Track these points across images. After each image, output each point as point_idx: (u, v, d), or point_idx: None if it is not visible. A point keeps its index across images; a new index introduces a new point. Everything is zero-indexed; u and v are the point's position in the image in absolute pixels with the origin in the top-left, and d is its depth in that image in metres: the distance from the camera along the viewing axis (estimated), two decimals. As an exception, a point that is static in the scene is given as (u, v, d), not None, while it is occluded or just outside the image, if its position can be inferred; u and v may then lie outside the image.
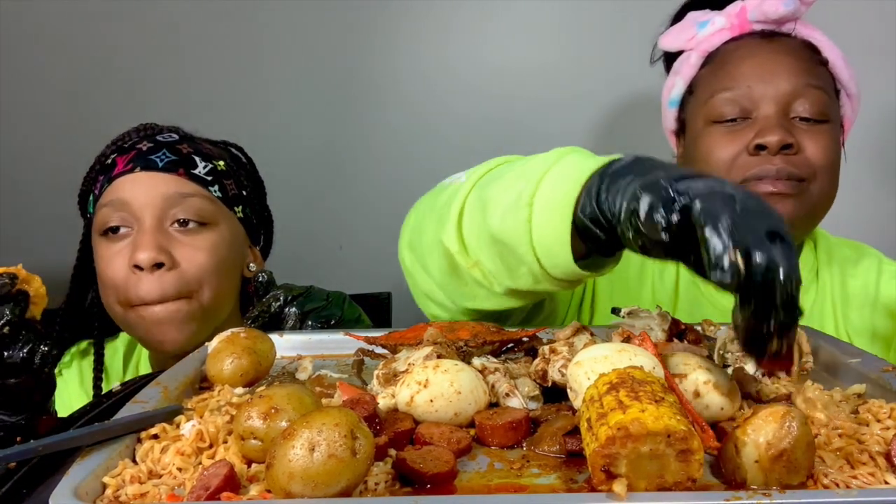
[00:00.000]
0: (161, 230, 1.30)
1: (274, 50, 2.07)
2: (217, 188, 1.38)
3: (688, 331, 0.91)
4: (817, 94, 1.30)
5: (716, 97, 1.33)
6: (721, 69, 1.36)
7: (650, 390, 0.61)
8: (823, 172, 1.28)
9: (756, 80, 1.31)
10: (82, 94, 2.06)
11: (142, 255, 1.26)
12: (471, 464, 0.67)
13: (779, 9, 1.32)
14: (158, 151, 1.35)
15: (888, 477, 0.61)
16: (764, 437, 0.58)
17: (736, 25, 1.37)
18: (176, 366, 0.89)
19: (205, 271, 1.31)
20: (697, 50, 1.39)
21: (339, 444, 0.57)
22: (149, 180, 1.32)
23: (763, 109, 1.29)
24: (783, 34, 1.36)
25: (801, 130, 1.28)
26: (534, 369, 0.81)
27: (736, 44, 1.37)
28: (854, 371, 0.84)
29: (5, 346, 0.91)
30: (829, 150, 1.29)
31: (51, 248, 2.01)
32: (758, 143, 1.26)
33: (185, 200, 1.32)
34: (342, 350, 1.00)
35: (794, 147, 1.26)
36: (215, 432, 0.69)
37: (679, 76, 1.42)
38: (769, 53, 1.33)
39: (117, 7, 2.04)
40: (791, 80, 1.29)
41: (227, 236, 1.37)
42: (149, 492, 0.62)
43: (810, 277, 1.41)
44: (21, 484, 0.71)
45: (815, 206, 1.30)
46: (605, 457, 0.56)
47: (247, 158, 1.51)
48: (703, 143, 1.35)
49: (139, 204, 1.30)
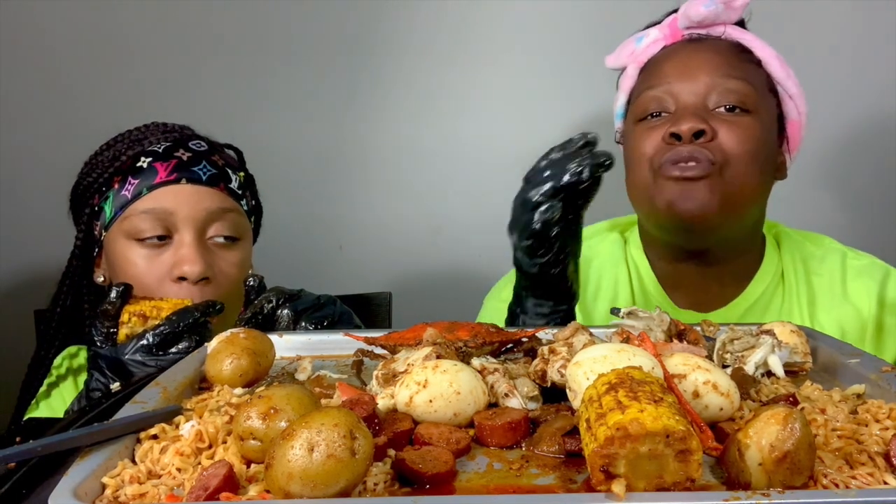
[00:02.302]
0: (203, 244, 1.36)
1: (275, 50, 2.07)
2: (244, 202, 1.45)
3: (687, 331, 0.91)
4: (738, 84, 1.29)
5: (640, 96, 1.35)
6: (647, 72, 1.38)
7: (649, 390, 0.61)
8: (738, 160, 1.26)
9: (676, 78, 1.32)
10: (82, 94, 2.06)
11: (192, 269, 1.32)
12: (470, 464, 0.67)
13: (699, 10, 1.34)
14: (199, 163, 1.40)
15: (887, 477, 0.61)
16: (767, 440, 0.58)
17: (668, 35, 1.40)
18: (175, 366, 0.89)
19: (233, 285, 1.37)
20: (635, 62, 1.42)
21: (338, 444, 0.57)
22: (195, 193, 1.37)
23: (681, 102, 1.31)
24: (713, 38, 1.37)
25: (720, 120, 1.28)
26: (533, 370, 0.81)
27: (666, 50, 1.39)
28: (853, 371, 0.84)
29: None
30: (746, 139, 1.27)
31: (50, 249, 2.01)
32: (672, 132, 1.26)
33: (225, 215, 1.38)
34: (341, 350, 1.00)
35: (707, 133, 1.25)
36: (214, 433, 0.69)
37: (621, 90, 1.45)
38: (692, 52, 1.35)
39: (118, 7, 2.04)
40: (711, 74, 1.30)
41: (249, 250, 1.45)
42: (148, 492, 0.62)
43: (775, 280, 1.41)
44: (21, 484, 0.71)
45: (731, 193, 1.27)
46: (604, 457, 0.56)
47: (242, 160, 1.53)
48: (629, 142, 1.37)
49: (183, 216, 1.35)
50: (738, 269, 1.40)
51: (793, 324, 0.94)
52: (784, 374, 0.85)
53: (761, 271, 1.40)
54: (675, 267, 1.40)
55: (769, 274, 1.41)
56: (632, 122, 1.37)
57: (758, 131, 1.29)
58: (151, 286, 1.33)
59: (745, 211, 1.32)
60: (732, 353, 0.86)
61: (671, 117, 1.30)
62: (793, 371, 0.89)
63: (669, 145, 1.27)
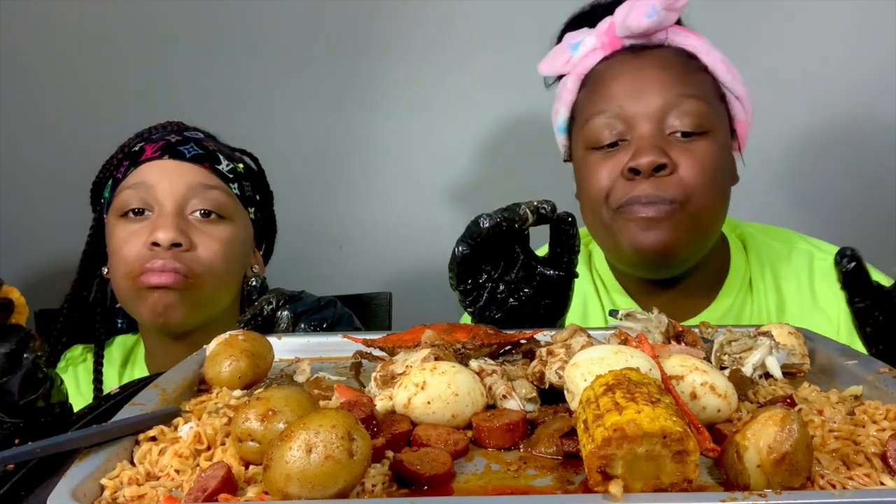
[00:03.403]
0: (182, 216, 1.35)
1: (275, 50, 2.07)
2: (236, 187, 1.44)
3: (685, 333, 0.91)
4: (692, 103, 1.26)
5: (590, 122, 1.30)
6: (594, 91, 1.33)
7: (646, 392, 0.61)
8: (700, 191, 1.24)
9: (627, 99, 1.27)
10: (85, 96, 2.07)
11: (161, 235, 1.31)
12: (468, 465, 0.67)
13: (641, 22, 1.28)
14: (186, 144, 1.41)
15: (884, 478, 0.61)
16: (765, 442, 0.58)
17: (607, 44, 1.34)
18: (174, 368, 0.89)
19: (217, 259, 1.36)
20: (573, 73, 1.37)
21: (336, 445, 0.57)
22: (175, 168, 1.37)
23: (637, 130, 1.26)
24: (656, 46, 1.32)
25: (678, 147, 1.24)
26: (531, 371, 0.82)
27: (608, 63, 1.33)
28: (851, 373, 0.84)
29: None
30: (706, 168, 1.24)
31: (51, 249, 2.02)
32: (631, 167, 1.23)
33: (207, 191, 1.38)
34: (340, 353, 1.00)
35: (667, 167, 1.22)
36: (213, 434, 0.69)
37: (561, 102, 1.40)
38: (639, 69, 1.29)
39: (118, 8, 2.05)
40: (662, 94, 1.26)
41: (241, 233, 1.43)
42: (146, 493, 0.62)
43: (744, 289, 1.38)
44: (20, 486, 0.71)
45: (696, 225, 1.26)
46: (602, 458, 0.57)
47: (259, 168, 1.54)
48: (584, 171, 1.32)
49: (163, 189, 1.35)
50: (705, 280, 1.37)
51: (791, 325, 0.94)
52: (782, 375, 0.85)
53: (729, 282, 1.38)
54: (641, 282, 1.39)
55: (737, 283, 1.38)
56: (582, 147, 1.33)
57: (716, 154, 1.27)
58: (129, 257, 1.33)
59: (710, 236, 1.32)
60: (730, 354, 0.86)
61: (627, 147, 1.26)
62: (790, 373, 0.89)
63: (628, 180, 1.24)
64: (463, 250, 1.03)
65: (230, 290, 1.41)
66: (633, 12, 1.28)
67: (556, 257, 1.07)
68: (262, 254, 1.56)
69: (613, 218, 1.27)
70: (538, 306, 1.07)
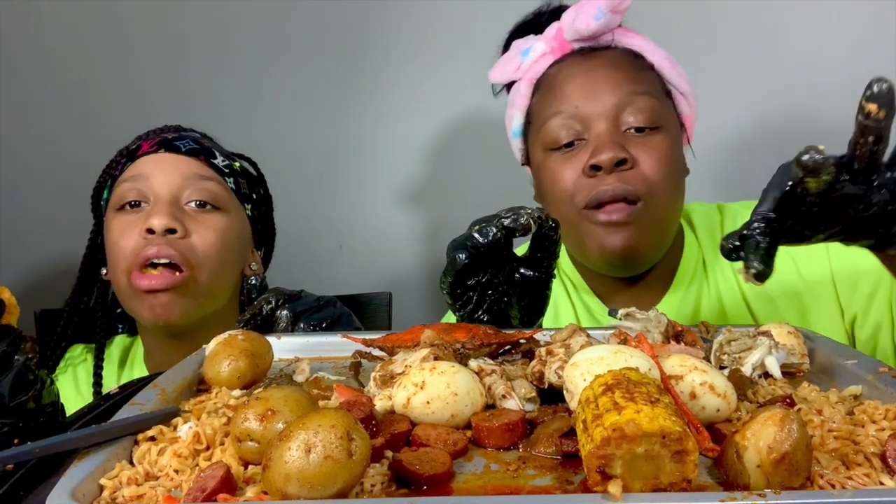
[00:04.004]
0: (177, 205, 1.37)
1: (276, 51, 2.07)
2: (232, 182, 1.45)
3: (685, 333, 0.91)
4: (644, 99, 1.30)
5: (547, 123, 1.33)
6: (548, 94, 1.36)
7: (645, 391, 0.61)
8: (660, 186, 1.28)
9: (582, 99, 1.31)
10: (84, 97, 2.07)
11: (156, 221, 1.32)
12: (467, 465, 0.67)
13: (590, 25, 1.32)
14: (183, 140, 1.43)
15: (883, 478, 0.61)
16: (764, 442, 0.58)
17: (556, 48, 1.38)
18: (173, 368, 0.89)
19: (212, 248, 1.36)
20: (525, 79, 1.41)
21: (335, 445, 0.57)
22: (171, 160, 1.39)
23: (594, 128, 1.29)
24: (604, 47, 1.37)
25: (635, 142, 1.28)
26: (530, 371, 0.82)
27: (559, 66, 1.37)
28: (850, 372, 0.84)
29: None
30: (663, 161, 1.29)
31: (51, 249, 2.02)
32: (592, 164, 1.26)
33: (202, 182, 1.39)
34: (340, 352, 1.00)
35: (628, 162, 1.26)
36: (212, 434, 0.69)
37: (515, 108, 1.43)
38: (590, 70, 1.33)
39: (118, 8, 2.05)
40: (615, 93, 1.30)
41: (237, 226, 1.43)
42: (145, 493, 0.62)
43: (699, 273, 1.40)
44: (18, 486, 0.71)
45: (658, 221, 1.30)
46: (601, 458, 0.57)
47: (258, 172, 1.55)
48: (545, 173, 1.35)
49: (158, 180, 1.37)
50: (664, 269, 1.40)
51: (790, 325, 0.94)
52: (781, 375, 0.85)
53: (682, 266, 1.40)
54: (605, 279, 1.41)
55: (691, 266, 1.40)
56: (541, 150, 1.36)
57: (670, 147, 1.31)
58: (125, 250, 1.34)
59: (671, 229, 1.36)
60: (730, 354, 0.86)
61: (586, 146, 1.29)
62: (790, 372, 0.89)
63: (590, 177, 1.27)
64: (465, 258, 1.02)
65: (226, 284, 1.41)
66: (581, 16, 1.33)
67: (535, 260, 1.08)
68: (261, 256, 1.56)
69: (580, 219, 1.30)
70: (518, 308, 1.09)
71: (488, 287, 1.05)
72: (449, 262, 1.03)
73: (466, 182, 2.08)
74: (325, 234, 2.12)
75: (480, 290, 1.05)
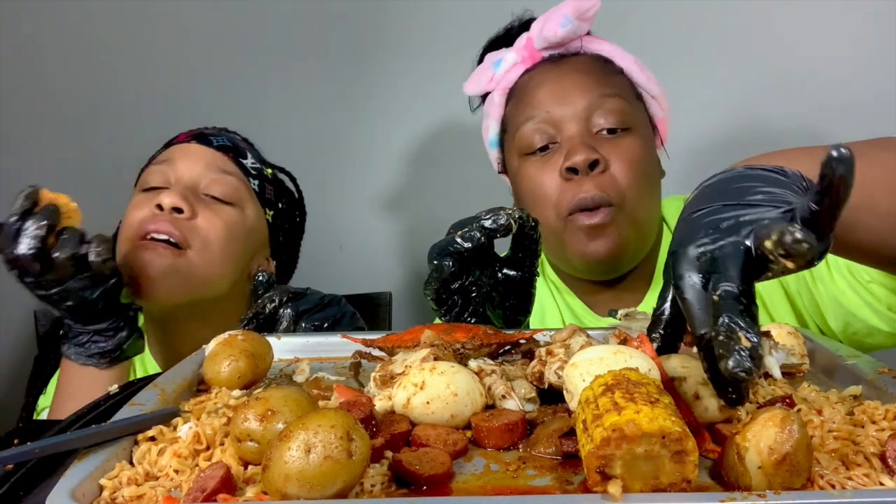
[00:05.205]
0: (193, 190, 1.38)
1: (276, 48, 2.07)
2: (257, 184, 1.47)
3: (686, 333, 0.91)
4: (614, 101, 1.32)
5: (521, 129, 1.35)
6: (521, 101, 1.38)
7: (645, 392, 0.61)
8: (633, 189, 1.29)
9: (553, 104, 1.33)
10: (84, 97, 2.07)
11: (165, 199, 1.34)
12: (467, 465, 0.67)
13: (557, 32, 1.35)
14: (218, 136, 1.47)
15: (883, 478, 0.61)
16: (765, 443, 0.58)
17: (527, 57, 1.41)
18: (173, 368, 0.89)
19: (215, 234, 1.37)
20: (498, 89, 1.43)
21: (335, 445, 0.57)
22: (199, 151, 1.42)
23: (566, 131, 1.32)
24: (573, 54, 1.39)
25: (607, 144, 1.30)
26: (530, 371, 0.82)
27: (530, 74, 1.40)
28: (850, 373, 0.84)
29: (53, 250, 1.12)
30: (633, 160, 1.30)
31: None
32: (568, 167, 1.28)
33: (223, 175, 1.41)
34: (339, 353, 1.00)
35: (601, 164, 1.27)
36: (212, 434, 0.69)
37: (490, 118, 1.45)
38: (561, 76, 1.35)
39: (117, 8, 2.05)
40: (585, 96, 1.32)
41: (250, 224, 1.44)
42: (145, 494, 0.62)
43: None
44: (18, 486, 0.71)
45: (636, 222, 1.31)
46: (601, 458, 0.57)
47: (298, 192, 1.56)
48: (523, 180, 1.37)
49: (182, 166, 1.40)
50: (644, 269, 1.41)
51: (790, 325, 0.94)
52: (781, 375, 0.85)
53: (661, 264, 1.41)
54: (585, 282, 1.42)
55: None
56: (516, 156, 1.37)
57: (642, 147, 1.33)
58: (133, 222, 1.35)
59: (650, 230, 1.37)
60: (730, 354, 0.86)
61: (559, 149, 1.31)
62: (790, 373, 0.89)
63: (568, 181, 1.28)
64: (451, 265, 1.01)
65: (224, 275, 1.39)
66: (549, 24, 1.36)
67: (518, 260, 1.08)
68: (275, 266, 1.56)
69: (561, 225, 1.31)
70: (504, 307, 1.09)
71: (472, 290, 1.05)
72: (434, 270, 1.02)
73: (467, 182, 2.08)
74: (325, 234, 2.12)
75: (464, 293, 1.05)
